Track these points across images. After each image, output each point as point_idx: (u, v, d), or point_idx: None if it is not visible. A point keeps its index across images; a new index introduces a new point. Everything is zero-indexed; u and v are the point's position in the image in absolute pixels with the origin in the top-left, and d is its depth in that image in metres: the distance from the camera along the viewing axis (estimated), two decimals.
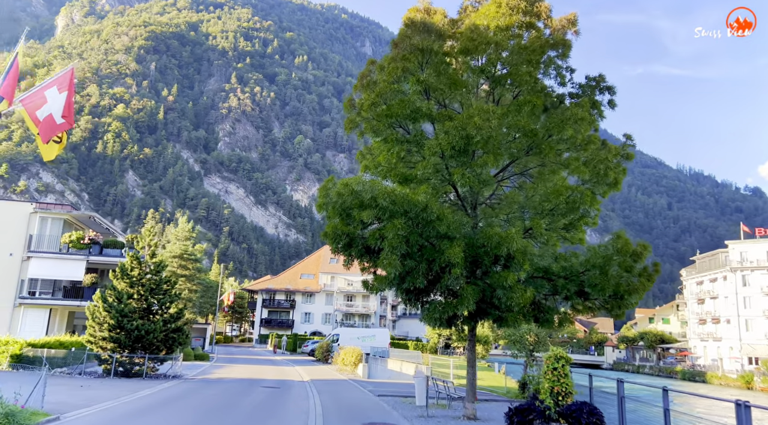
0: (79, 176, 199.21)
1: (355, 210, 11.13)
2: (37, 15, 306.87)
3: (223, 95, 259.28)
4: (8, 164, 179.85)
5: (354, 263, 12.53)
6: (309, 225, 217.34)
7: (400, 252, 10.37)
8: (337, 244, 11.86)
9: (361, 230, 11.75)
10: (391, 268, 10.28)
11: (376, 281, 11.61)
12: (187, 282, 47.75)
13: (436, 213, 10.70)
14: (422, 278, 10.65)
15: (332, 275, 76.76)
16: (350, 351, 36.85)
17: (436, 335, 63.92)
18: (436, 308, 11.13)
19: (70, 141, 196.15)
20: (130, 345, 21.24)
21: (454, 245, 10.44)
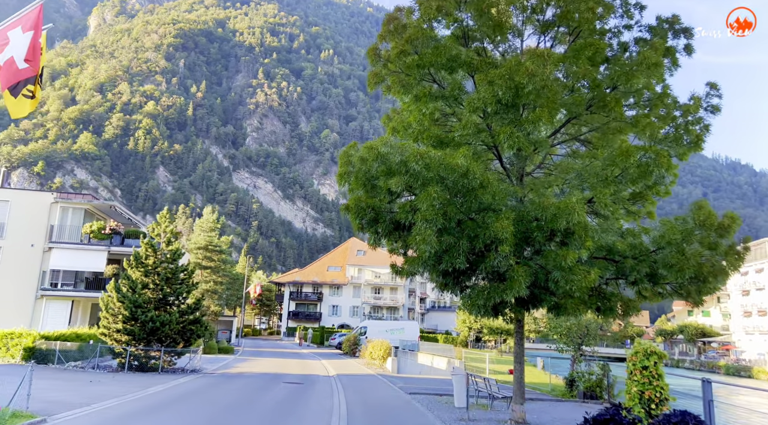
0: (111, 172, 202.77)
1: (382, 179, 9.39)
2: (71, 16, 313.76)
3: (251, 91, 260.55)
4: (44, 162, 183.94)
5: (382, 244, 10.80)
6: (336, 219, 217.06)
7: (436, 226, 8.59)
8: (361, 219, 10.10)
9: (389, 204, 9.98)
10: (426, 245, 8.51)
11: (408, 263, 9.72)
12: (213, 274, 46.93)
13: (479, 179, 8.86)
14: (463, 257, 8.79)
15: (359, 267, 75.38)
16: (378, 344, 35.25)
17: (467, 328, 62.02)
18: (480, 294, 9.29)
19: (103, 138, 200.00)
20: (144, 337, 19.99)
21: (501, 217, 8.61)
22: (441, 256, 8.91)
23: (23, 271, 31.21)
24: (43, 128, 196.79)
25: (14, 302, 30.86)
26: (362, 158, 9.67)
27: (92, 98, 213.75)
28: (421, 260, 9.01)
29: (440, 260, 8.96)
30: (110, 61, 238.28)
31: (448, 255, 8.83)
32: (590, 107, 10.58)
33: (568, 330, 21.76)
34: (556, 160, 12.46)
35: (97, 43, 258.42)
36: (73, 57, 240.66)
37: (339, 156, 10.70)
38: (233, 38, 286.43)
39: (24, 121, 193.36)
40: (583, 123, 11.26)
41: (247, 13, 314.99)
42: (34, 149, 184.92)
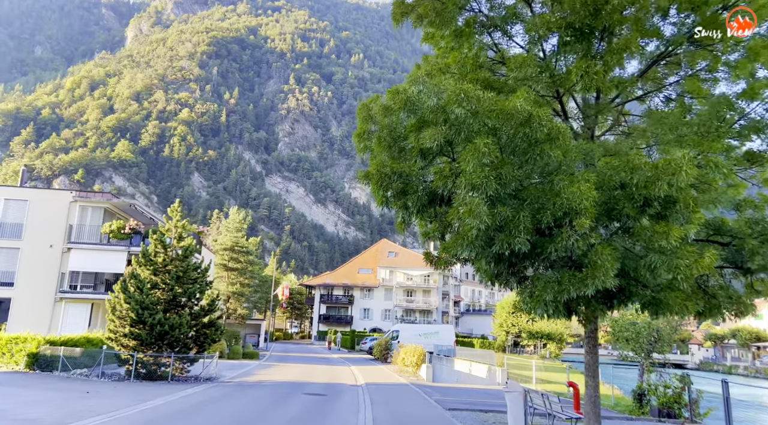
0: (148, 179, 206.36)
1: (412, 136, 7.08)
2: (109, 28, 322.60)
3: (282, 96, 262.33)
4: (84, 170, 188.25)
5: (412, 223, 8.41)
6: (368, 222, 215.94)
7: (487, 194, 6.30)
8: (385, 191, 7.68)
9: (421, 170, 7.68)
10: (473, 219, 6.16)
11: (446, 248, 7.24)
12: (240, 276, 45.46)
13: (546, 128, 6.48)
14: (524, 235, 6.36)
15: (391, 269, 73.07)
16: (411, 349, 32.78)
17: (504, 332, 58.94)
18: (547, 287, 6.70)
19: (140, 145, 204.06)
20: (152, 342, 18.13)
21: (578, 180, 6.31)
22: (493, 235, 6.55)
23: (42, 273, 30.08)
24: (82, 136, 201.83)
25: (33, 304, 29.75)
26: (386, 107, 7.39)
27: (129, 107, 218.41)
28: (465, 241, 6.50)
29: (491, 241, 6.59)
30: (146, 71, 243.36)
31: (503, 233, 6.44)
32: (692, 37, 7.91)
33: (637, 334, 18.79)
34: (629, 124, 9.89)
35: (134, 53, 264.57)
36: (111, 67, 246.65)
37: (357, 110, 8.44)
38: (265, 45, 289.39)
39: (65, 130, 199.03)
40: (682, 60, 8.51)
41: (279, 20, 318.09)
42: (75, 157, 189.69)
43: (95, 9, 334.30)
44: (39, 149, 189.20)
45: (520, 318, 58.68)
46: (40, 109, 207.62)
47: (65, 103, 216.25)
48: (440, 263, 8.81)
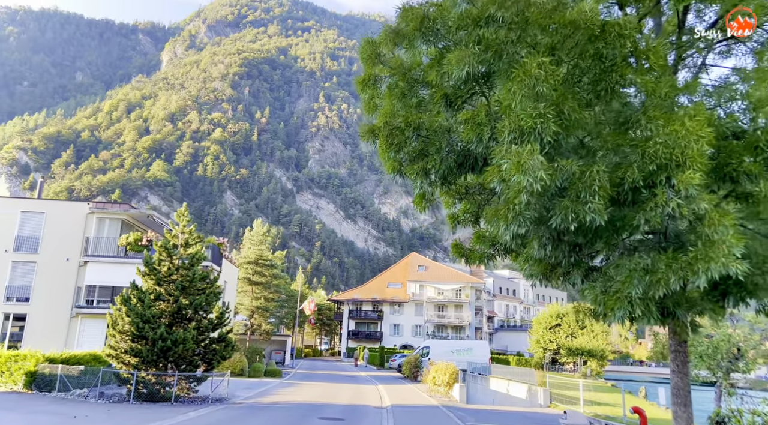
0: (182, 197, 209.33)
1: (433, 72, 5.10)
2: (146, 52, 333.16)
3: (312, 114, 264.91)
4: (120, 190, 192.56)
5: (435, 198, 6.38)
6: (398, 238, 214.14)
7: (543, 139, 4.28)
8: (397, 151, 5.69)
9: (449, 121, 5.74)
10: (524, 176, 4.12)
11: (488, 218, 5.00)
12: (264, 290, 43.98)
13: (629, 42, 4.36)
14: (599, 201, 4.30)
15: (421, 283, 70.59)
16: (443, 367, 30.36)
17: (541, 348, 55.74)
18: (633, 277, 4.45)
19: (174, 165, 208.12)
20: (154, 359, 16.44)
21: (679, 118, 4.24)
22: (551, 204, 4.46)
23: (58, 287, 29.04)
24: (119, 157, 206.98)
25: (49, 320, 28.68)
26: (396, 32, 5.47)
27: (164, 128, 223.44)
28: (511, 211, 4.38)
29: (548, 212, 4.49)
30: (180, 92, 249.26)
31: (567, 199, 4.33)
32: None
33: (715, 350, 15.80)
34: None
35: (169, 76, 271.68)
36: (147, 90, 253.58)
37: (360, 49, 6.53)
38: (295, 64, 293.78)
39: (103, 152, 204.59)
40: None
41: (308, 39, 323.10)
42: (112, 178, 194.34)
43: (132, 35, 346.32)
44: (78, 170, 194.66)
45: (558, 334, 55.55)
46: (79, 132, 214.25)
47: (103, 125, 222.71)
48: (474, 257, 6.78)
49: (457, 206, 6.51)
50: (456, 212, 6.73)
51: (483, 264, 6.93)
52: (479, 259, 6.85)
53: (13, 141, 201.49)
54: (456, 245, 7.13)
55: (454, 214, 6.78)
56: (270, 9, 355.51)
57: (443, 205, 6.59)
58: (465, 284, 70.51)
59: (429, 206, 6.44)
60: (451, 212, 6.83)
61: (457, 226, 6.84)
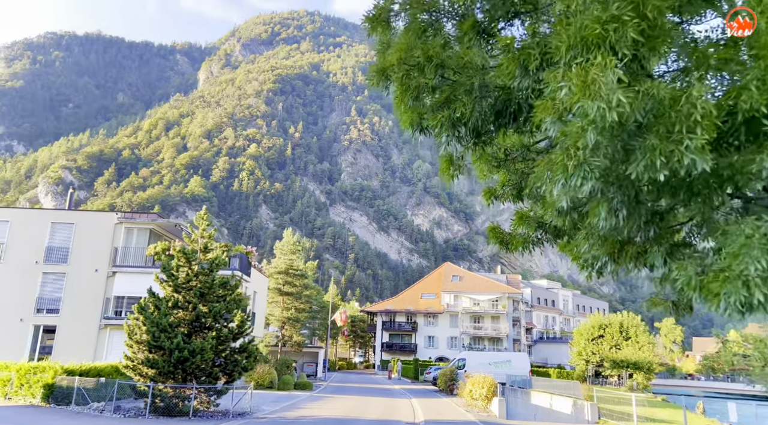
0: (219, 212, 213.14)
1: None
2: (183, 72, 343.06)
3: (344, 128, 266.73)
4: (159, 206, 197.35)
5: (466, 163, 5.06)
6: (431, 249, 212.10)
7: (623, 48, 2.99)
8: (415, 97, 4.46)
9: (482, 56, 4.23)
10: (594, 100, 2.82)
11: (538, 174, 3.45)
12: (295, 300, 43.24)
13: None
14: (705, 136, 3.07)
15: (455, 294, 68.74)
16: (480, 380, 28.76)
17: (583, 361, 53.25)
18: (753, 248, 2.87)
19: (211, 181, 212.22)
20: (170, 370, 15.62)
21: None
22: (628, 146, 3.17)
23: (87, 298, 28.92)
24: (158, 174, 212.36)
25: (78, 332, 28.55)
26: None
27: (201, 144, 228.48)
28: (574, 160, 3.11)
29: (626, 155, 3.17)
30: (216, 110, 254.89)
31: (653, 133, 3.00)
32: None
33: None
34: None
35: (205, 94, 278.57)
36: (184, 108, 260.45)
37: None
38: (327, 79, 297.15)
39: (143, 169, 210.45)
40: None
41: (340, 55, 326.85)
42: (151, 194, 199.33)
43: (170, 55, 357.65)
44: (119, 187, 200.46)
45: (602, 346, 53.07)
46: (120, 150, 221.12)
47: (143, 143, 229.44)
48: (515, 242, 5.52)
49: (491, 164, 5.19)
50: (493, 188, 5.47)
51: (527, 250, 5.64)
52: (522, 245, 5.58)
53: (59, 161, 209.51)
54: (493, 229, 5.85)
55: (489, 190, 5.53)
56: (302, 26, 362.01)
57: (477, 175, 5.30)
58: (501, 294, 68.34)
59: (458, 174, 5.15)
60: (486, 191, 5.55)
61: (494, 202, 5.56)
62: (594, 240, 4.35)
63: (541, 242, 5.59)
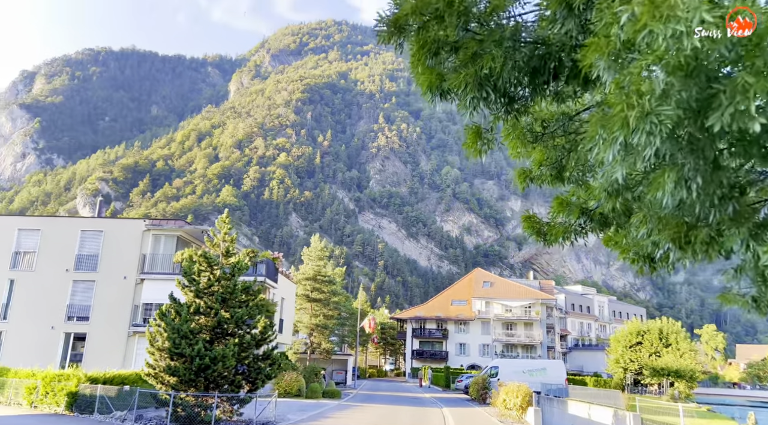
0: (250, 221, 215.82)
1: None
2: (214, 84, 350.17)
3: (372, 135, 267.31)
4: (192, 215, 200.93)
5: (495, 133, 4.26)
6: (461, 255, 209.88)
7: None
8: (435, 51, 3.53)
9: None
10: (670, 20, 2.06)
11: (590, 140, 2.59)
12: (323, 307, 42.80)
13: None
14: None
15: (487, 300, 67.27)
16: (514, 388, 27.66)
17: (621, 369, 51.26)
18: None
19: (242, 190, 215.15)
20: (191, 378, 15.20)
21: None
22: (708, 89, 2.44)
23: (116, 306, 29.02)
24: (191, 184, 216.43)
25: (107, 340, 28.64)
26: None
27: (232, 154, 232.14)
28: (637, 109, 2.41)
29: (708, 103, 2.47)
30: (247, 120, 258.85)
31: (746, 72, 2.34)
32: None
33: None
34: None
35: (236, 105, 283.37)
36: (216, 119, 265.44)
37: None
38: (355, 88, 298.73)
39: (176, 179, 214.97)
40: None
41: (367, 63, 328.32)
42: (185, 204, 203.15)
43: (202, 68, 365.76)
44: (154, 198, 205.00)
45: (640, 353, 51.01)
46: (155, 161, 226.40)
47: (176, 154, 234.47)
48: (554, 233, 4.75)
49: (525, 147, 4.42)
50: (527, 169, 4.70)
51: (568, 241, 4.87)
52: (562, 235, 4.81)
53: (96, 173, 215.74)
54: (528, 217, 5.06)
55: (524, 171, 4.76)
56: (330, 36, 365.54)
57: (509, 151, 4.51)
58: (534, 300, 66.59)
59: (486, 149, 4.36)
60: (520, 172, 4.77)
61: (529, 185, 4.78)
62: (654, 223, 3.57)
63: (584, 232, 4.81)
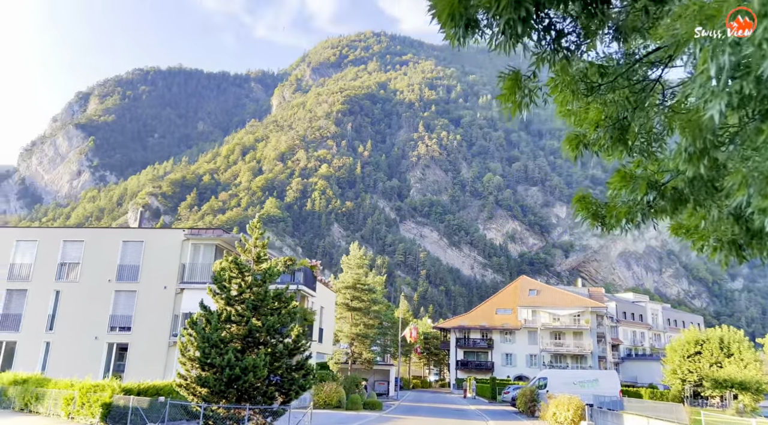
0: (293, 232, 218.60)
1: None
2: (257, 99, 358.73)
3: (412, 144, 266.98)
4: (238, 227, 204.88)
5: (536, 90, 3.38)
6: (506, 264, 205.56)
7: None
8: None
9: None
10: None
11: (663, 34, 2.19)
12: (363, 316, 42.09)
13: None
14: None
15: (533, 309, 64.98)
16: (565, 401, 26.10)
17: (679, 380, 48.25)
18: None
19: (285, 201, 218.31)
20: (221, 389, 14.64)
21: None
22: None
23: (156, 316, 29.16)
24: (236, 197, 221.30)
25: (148, 350, 28.75)
26: None
27: (275, 167, 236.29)
28: None
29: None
30: (289, 133, 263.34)
31: None
32: None
33: None
34: None
35: (278, 118, 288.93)
36: (259, 133, 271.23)
37: None
38: (394, 97, 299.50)
39: (222, 193, 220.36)
40: None
41: (406, 72, 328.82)
42: (230, 217, 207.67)
43: (245, 84, 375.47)
44: (201, 211, 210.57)
45: (700, 363, 47.88)
46: (201, 176, 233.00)
47: (221, 168, 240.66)
48: (616, 214, 3.81)
49: (579, 100, 3.50)
50: (578, 123, 3.76)
51: (633, 224, 3.89)
52: (625, 216, 3.85)
53: (146, 188, 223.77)
54: (582, 198, 4.10)
55: (576, 133, 3.83)
56: (369, 47, 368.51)
57: (556, 109, 3.58)
58: (583, 308, 63.87)
59: (527, 104, 3.45)
60: (571, 133, 3.83)
61: (583, 153, 3.82)
62: (761, 184, 2.59)
63: (653, 212, 3.83)
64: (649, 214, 3.90)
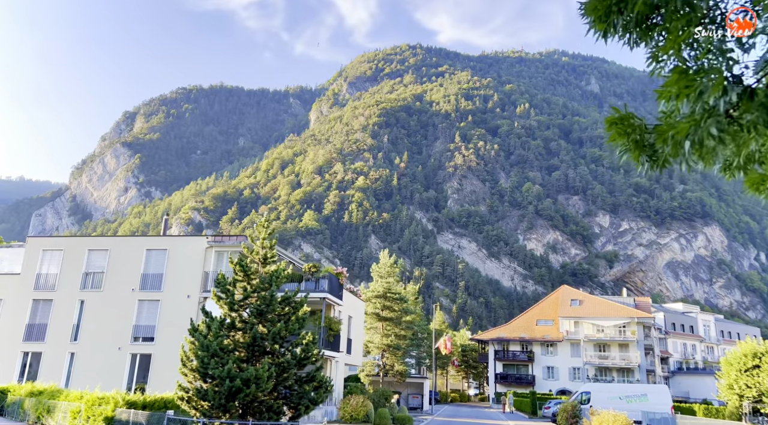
0: (331, 244, 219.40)
1: None
2: (296, 114, 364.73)
3: (449, 155, 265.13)
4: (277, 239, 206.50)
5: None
6: (547, 275, 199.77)
7: None
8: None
9: None
10: None
11: None
12: (394, 327, 40.62)
13: None
14: None
15: (575, 319, 61.91)
16: (610, 417, 23.99)
17: (736, 396, 44.72)
18: None
19: (323, 214, 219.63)
20: (221, 403, 13.53)
21: None
22: None
23: (180, 325, 28.49)
24: (276, 211, 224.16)
25: (172, 360, 28.03)
26: None
27: (313, 180, 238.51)
28: None
29: None
30: (326, 146, 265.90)
31: None
32: None
33: None
34: None
35: (316, 133, 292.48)
36: (297, 147, 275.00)
37: None
38: (430, 109, 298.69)
39: (261, 206, 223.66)
40: None
41: (442, 84, 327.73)
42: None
43: (284, 99, 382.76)
44: (241, 224, 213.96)
45: (759, 377, 44.21)
46: (242, 190, 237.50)
47: (261, 182, 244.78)
48: (675, 132, 2.42)
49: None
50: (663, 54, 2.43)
51: (701, 157, 2.50)
52: (688, 135, 2.47)
53: (189, 203, 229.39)
54: (619, 120, 2.73)
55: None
56: (405, 60, 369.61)
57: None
58: (629, 319, 60.40)
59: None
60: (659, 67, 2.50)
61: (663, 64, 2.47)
62: None
63: (731, 122, 2.43)
64: (728, 131, 2.48)
